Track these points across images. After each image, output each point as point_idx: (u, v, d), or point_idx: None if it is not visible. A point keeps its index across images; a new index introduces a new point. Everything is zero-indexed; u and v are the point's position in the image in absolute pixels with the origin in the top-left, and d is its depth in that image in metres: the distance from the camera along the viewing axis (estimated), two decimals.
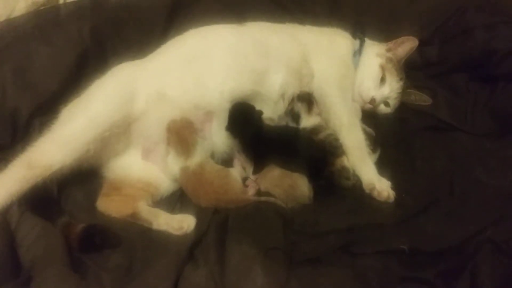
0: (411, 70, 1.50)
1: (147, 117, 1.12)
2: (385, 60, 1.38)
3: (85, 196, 1.08)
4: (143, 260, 0.96)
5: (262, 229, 1.01)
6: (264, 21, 1.40)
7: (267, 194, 1.13)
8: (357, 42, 1.42)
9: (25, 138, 1.13)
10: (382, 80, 1.39)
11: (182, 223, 1.04)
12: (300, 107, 1.28)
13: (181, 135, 1.12)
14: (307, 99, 1.28)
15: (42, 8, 1.40)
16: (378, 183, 1.19)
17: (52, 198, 1.03)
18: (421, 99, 1.43)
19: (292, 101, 1.28)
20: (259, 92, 1.21)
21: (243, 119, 1.16)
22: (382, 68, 1.38)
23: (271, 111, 1.24)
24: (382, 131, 1.33)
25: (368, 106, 1.36)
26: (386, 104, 1.41)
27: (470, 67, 1.50)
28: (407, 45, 1.39)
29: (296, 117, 1.28)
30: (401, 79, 1.41)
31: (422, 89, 1.43)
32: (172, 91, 1.14)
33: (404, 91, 1.43)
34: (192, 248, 0.99)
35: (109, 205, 1.07)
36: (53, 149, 1.00)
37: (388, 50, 1.41)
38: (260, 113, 1.20)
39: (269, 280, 0.88)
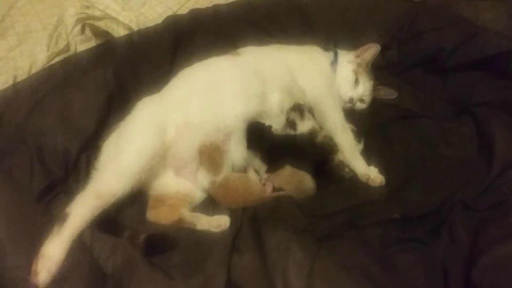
0: (377, 70, 1.77)
1: (178, 143, 1.33)
2: (356, 65, 1.65)
3: (137, 212, 1.29)
4: (197, 255, 1.18)
5: (288, 216, 1.24)
6: (251, 45, 1.62)
7: (280, 189, 1.36)
8: (331, 53, 1.68)
9: (74, 172, 1.33)
10: (356, 82, 1.64)
11: (219, 222, 1.27)
12: (294, 116, 1.51)
13: (212, 157, 1.34)
14: (299, 109, 1.52)
15: (60, 57, 1.59)
16: (370, 173, 1.44)
17: (112, 217, 1.24)
18: (389, 93, 1.70)
19: (287, 112, 1.52)
20: (263, 111, 1.46)
21: (259, 135, 1.41)
22: (355, 72, 1.64)
23: (275, 124, 1.48)
24: (362, 125, 1.57)
25: (348, 105, 1.62)
26: (362, 101, 1.66)
27: (425, 63, 1.78)
28: (371, 50, 1.67)
29: (292, 124, 1.51)
30: (371, 79, 1.67)
31: (388, 85, 1.70)
32: (195, 119, 1.35)
33: (374, 88, 1.68)
34: (233, 240, 1.21)
35: (158, 215, 1.29)
36: (115, 180, 1.20)
37: (357, 56, 1.69)
38: (269, 127, 1.44)
39: (305, 255, 1.10)
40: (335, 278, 1.10)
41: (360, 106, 1.66)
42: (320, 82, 1.59)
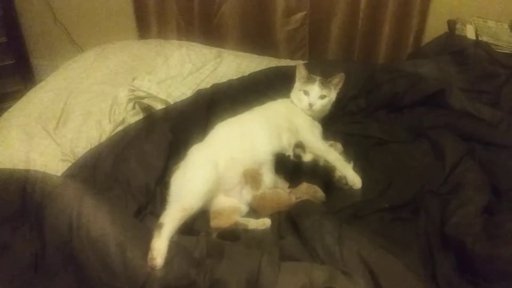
0: (351, 115, 2.33)
1: (227, 172, 1.79)
2: (299, 85, 2.14)
3: (204, 221, 1.73)
4: (255, 242, 1.59)
5: (313, 207, 1.73)
6: (257, 105, 2.18)
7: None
8: None
9: (152, 200, 1.77)
10: (306, 93, 2.08)
11: (264, 222, 1.72)
12: (299, 151, 2.03)
13: (253, 177, 1.81)
14: (301, 145, 2.05)
15: (121, 127, 2.11)
16: (355, 179, 1.93)
17: (189, 226, 1.66)
18: (339, 77, 2.09)
19: (293, 148, 2.04)
20: (281, 146, 1.96)
21: (283, 163, 1.91)
22: (300, 89, 2.11)
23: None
24: (350, 151, 2.06)
25: (314, 109, 2.08)
26: (323, 97, 2.07)
27: (386, 105, 2.33)
28: (299, 68, 2.14)
29: (298, 157, 2.01)
30: (314, 81, 2.08)
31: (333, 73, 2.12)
32: (237, 155, 1.83)
33: (325, 83, 2.08)
34: (278, 232, 1.67)
35: (219, 222, 1.71)
36: (192, 199, 1.65)
37: (298, 80, 2.15)
38: (289, 156, 1.97)
39: (333, 225, 1.56)
40: (357, 238, 1.55)
41: (323, 102, 2.09)
42: (301, 122, 2.11)
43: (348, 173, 1.96)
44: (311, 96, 2.08)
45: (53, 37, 3.76)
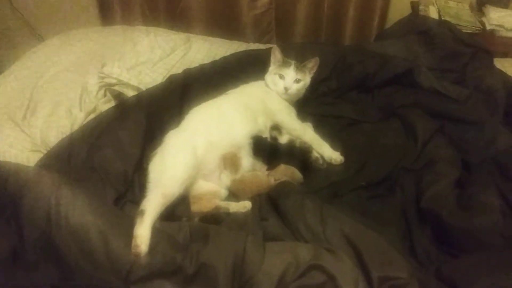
0: (323, 96, 2.34)
1: (205, 158, 1.78)
2: (274, 69, 2.13)
3: (184, 206, 1.71)
4: (238, 225, 1.61)
5: (293, 189, 1.74)
6: (230, 89, 2.16)
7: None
8: None
9: (131, 187, 1.75)
10: (281, 77, 2.07)
11: (245, 205, 1.72)
12: (275, 133, 2.05)
13: (232, 161, 1.82)
14: (277, 127, 2.07)
15: (93, 115, 2.07)
16: (333, 155, 1.95)
17: (170, 212, 1.64)
18: (313, 62, 2.12)
19: (269, 131, 2.05)
20: (257, 129, 1.96)
21: (260, 145, 1.91)
22: (275, 73, 2.10)
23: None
24: (324, 132, 2.06)
25: (289, 93, 2.08)
26: (298, 81, 2.07)
27: (357, 86, 2.37)
28: (274, 51, 2.14)
29: (275, 139, 2.03)
30: (289, 65, 2.07)
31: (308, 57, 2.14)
32: (215, 139, 1.81)
33: (301, 67, 2.09)
34: (260, 214, 1.68)
35: (199, 207, 1.70)
36: (173, 185, 1.63)
37: (273, 63, 2.15)
38: (266, 138, 1.97)
39: (315, 204, 1.59)
40: (338, 216, 1.58)
41: (298, 86, 2.09)
42: (275, 104, 2.11)
43: (325, 151, 2.00)
44: (287, 80, 2.08)
45: (10, 25, 3.60)
